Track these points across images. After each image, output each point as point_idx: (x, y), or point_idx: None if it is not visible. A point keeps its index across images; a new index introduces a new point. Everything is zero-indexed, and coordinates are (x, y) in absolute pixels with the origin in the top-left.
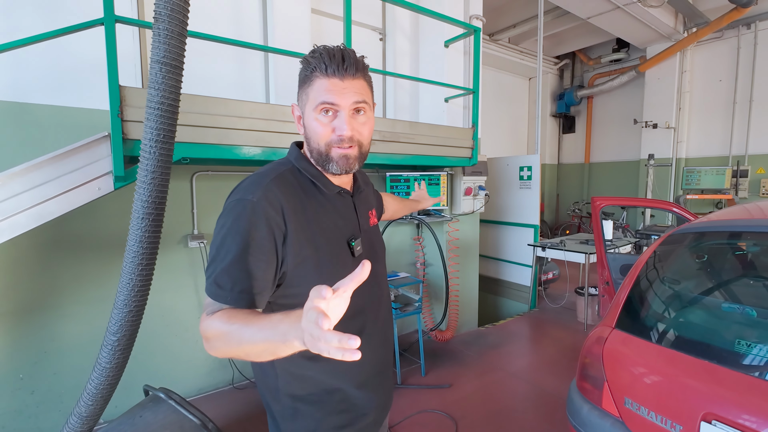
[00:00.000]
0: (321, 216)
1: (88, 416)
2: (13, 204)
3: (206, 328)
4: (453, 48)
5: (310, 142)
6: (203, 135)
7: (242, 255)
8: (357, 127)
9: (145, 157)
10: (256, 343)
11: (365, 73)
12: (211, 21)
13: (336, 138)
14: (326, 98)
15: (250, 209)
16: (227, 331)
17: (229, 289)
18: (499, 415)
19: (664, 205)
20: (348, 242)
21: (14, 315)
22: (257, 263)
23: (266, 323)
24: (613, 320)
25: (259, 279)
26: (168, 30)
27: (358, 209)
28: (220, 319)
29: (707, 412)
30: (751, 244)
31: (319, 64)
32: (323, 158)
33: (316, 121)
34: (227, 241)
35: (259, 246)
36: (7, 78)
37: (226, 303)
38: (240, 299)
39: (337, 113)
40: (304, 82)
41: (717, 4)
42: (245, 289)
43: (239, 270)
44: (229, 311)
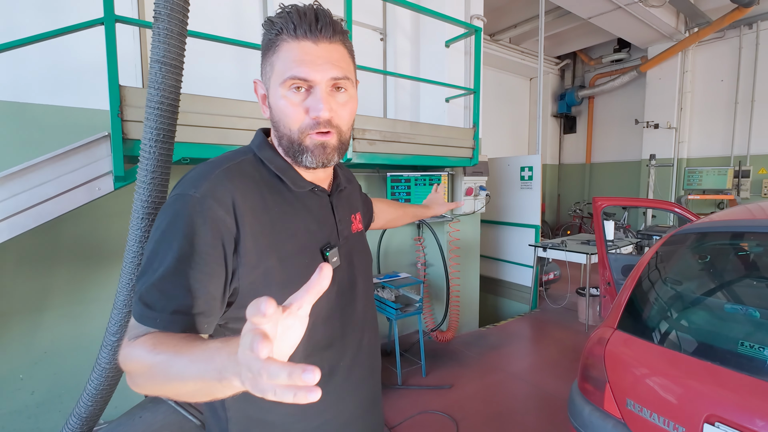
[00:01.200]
0: (288, 218)
1: (87, 417)
2: (13, 204)
3: (125, 357)
4: (454, 48)
5: (278, 127)
6: (203, 135)
7: (178, 266)
8: (336, 108)
9: (145, 157)
10: (187, 381)
11: (345, 39)
12: (211, 21)
13: (310, 122)
14: (296, 71)
15: (190, 207)
16: (151, 363)
17: (160, 309)
18: (500, 416)
19: (666, 206)
20: (322, 252)
21: (14, 315)
22: (198, 276)
23: (200, 353)
24: (614, 321)
25: (201, 296)
26: (168, 30)
27: (336, 211)
28: (144, 347)
29: (710, 414)
30: (754, 244)
31: (286, 24)
32: (295, 148)
33: (284, 99)
34: (161, 247)
35: (201, 254)
36: (7, 78)
37: (155, 327)
38: (173, 322)
39: (312, 89)
40: (268, 49)
41: (718, 4)
42: (181, 308)
43: (174, 285)
44: (156, 336)
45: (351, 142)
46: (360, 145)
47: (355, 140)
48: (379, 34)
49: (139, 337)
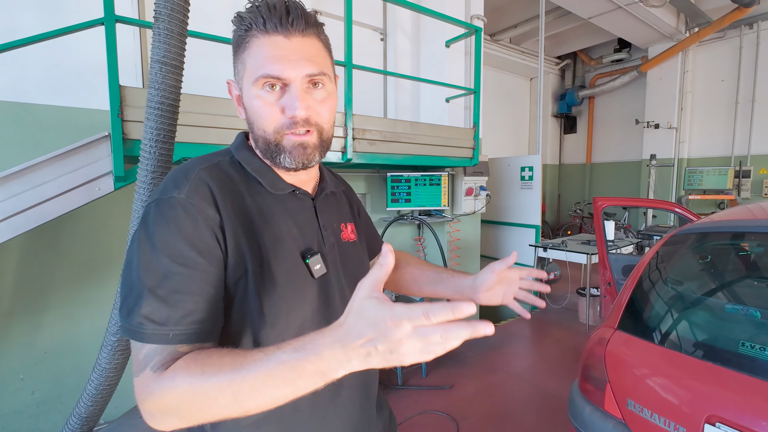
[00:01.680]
0: (268, 220)
1: (88, 417)
2: (13, 204)
3: (161, 392)
4: (454, 48)
5: (253, 128)
6: (204, 135)
7: (183, 270)
8: (314, 106)
9: (145, 157)
10: (262, 395)
11: (320, 31)
12: (212, 21)
13: (287, 121)
14: (268, 69)
15: (180, 208)
16: (205, 387)
17: (174, 322)
18: (500, 416)
19: (666, 206)
20: (302, 257)
21: (15, 315)
22: (206, 278)
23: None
24: (615, 321)
25: (212, 300)
26: (168, 30)
27: (321, 216)
28: (187, 372)
29: (711, 414)
30: (755, 244)
31: (256, 19)
32: (272, 149)
33: (258, 99)
34: (153, 259)
35: (204, 255)
36: (8, 78)
37: (172, 342)
38: (192, 333)
39: (286, 87)
40: (238, 47)
41: (719, 4)
42: (196, 317)
43: (183, 292)
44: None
45: (351, 142)
46: (360, 145)
47: (355, 140)
48: (379, 34)
49: (167, 365)
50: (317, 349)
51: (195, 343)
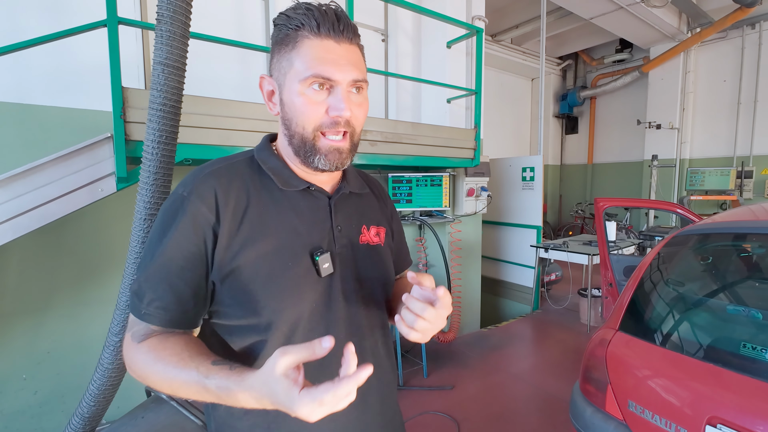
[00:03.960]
0: (269, 216)
1: (90, 417)
2: (17, 205)
3: (130, 360)
4: (455, 49)
5: (290, 125)
6: (206, 136)
7: (163, 261)
8: (353, 108)
9: (148, 158)
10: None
11: (359, 42)
12: (214, 23)
13: (329, 121)
14: (320, 70)
15: (179, 205)
16: (152, 371)
17: (146, 302)
18: (501, 417)
19: (668, 206)
20: (311, 255)
21: (17, 315)
22: (181, 273)
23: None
24: (616, 322)
25: (182, 292)
26: (170, 32)
27: (335, 216)
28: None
29: (712, 416)
30: (757, 245)
31: (308, 21)
32: (307, 148)
33: (303, 96)
34: (152, 243)
35: (184, 250)
36: (11, 79)
37: (142, 318)
38: (155, 316)
39: (333, 89)
40: (285, 44)
41: (721, 4)
42: (164, 304)
43: (158, 279)
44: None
45: None
46: (361, 146)
47: None
48: (380, 35)
49: (142, 340)
50: (235, 395)
51: (162, 326)
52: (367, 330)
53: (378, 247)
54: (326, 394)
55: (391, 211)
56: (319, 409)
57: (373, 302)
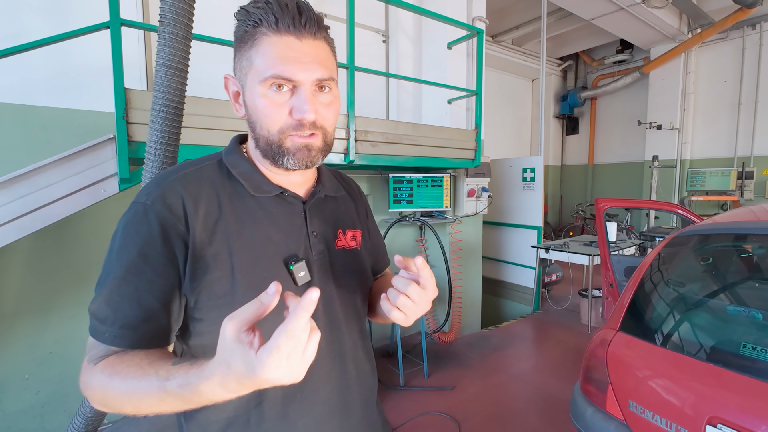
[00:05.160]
0: (244, 226)
1: (92, 417)
2: (20, 206)
3: (85, 384)
4: (456, 50)
5: (255, 128)
6: (208, 137)
7: (127, 276)
8: (320, 109)
9: (150, 159)
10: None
11: (327, 35)
12: (216, 24)
13: (293, 123)
14: (280, 70)
15: (141, 215)
16: (108, 388)
17: (110, 323)
18: (502, 417)
19: (668, 207)
20: (285, 264)
21: (20, 316)
22: (148, 287)
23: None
24: (617, 323)
25: (151, 307)
26: (173, 33)
27: (311, 221)
28: (102, 374)
29: (712, 416)
30: (757, 246)
31: (266, 16)
32: (274, 150)
33: (264, 98)
34: (112, 258)
35: (151, 262)
36: (14, 80)
37: (105, 342)
38: (122, 337)
39: (295, 89)
40: (243, 42)
41: (722, 5)
42: (129, 322)
43: (122, 297)
44: (114, 360)
45: (354, 144)
46: (362, 147)
47: (357, 142)
48: (381, 36)
49: (98, 362)
50: (198, 389)
51: (126, 347)
52: (347, 335)
53: (354, 251)
54: (279, 337)
55: (366, 210)
56: (281, 359)
57: (351, 307)
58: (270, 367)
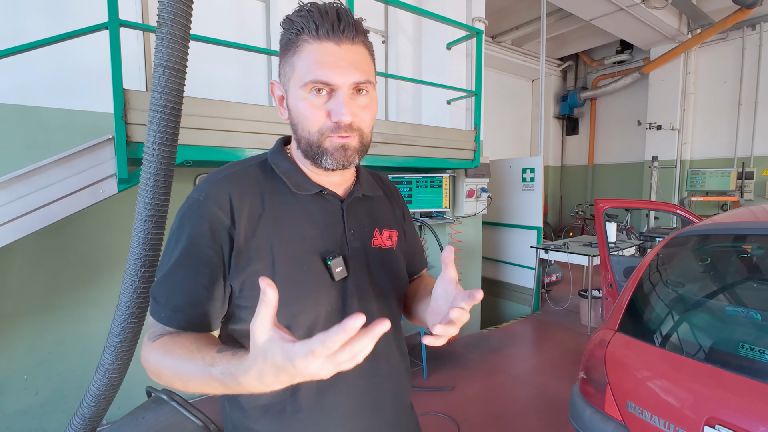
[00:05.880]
0: (284, 222)
1: (90, 417)
2: (19, 206)
3: (144, 359)
4: (455, 50)
5: (296, 130)
6: (207, 138)
7: (180, 264)
8: (357, 112)
9: (148, 159)
10: (192, 384)
11: (366, 39)
12: (215, 25)
13: (331, 125)
14: (318, 75)
15: (195, 209)
16: (162, 366)
17: (163, 305)
18: (501, 418)
19: (667, 207)
20: (323, 259)
21: (19, 316)
22: (197, 275)
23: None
24: (615, 323)
25: (198, 295)
26: (171, 34)
27: (348, 219)
28: (157, 352)
29: (711, 417)
30: (756, 246)
31: (307, 24)
32: (314, 150)
33: (305, 102)
34: (169, 247)
35: (200, 254)
36: (14, 81)
37: (159, 321)
38: (173, 318)
39: (333, 93)
40: (287, 50)
41: (721, 6)
42: (179, 306)
43: (175, 282)
44: (168, 341)
45: None
46: None
47: None
48: (380, 37)
49: (156, 339)
50: (237, 380)
51: (178, 329)
52: (386, 342)
53: (390, 251)
54: (315, 341)
55: (404, 212)
56: (312, 360)
57: (386, 304)
58: (303, 361)
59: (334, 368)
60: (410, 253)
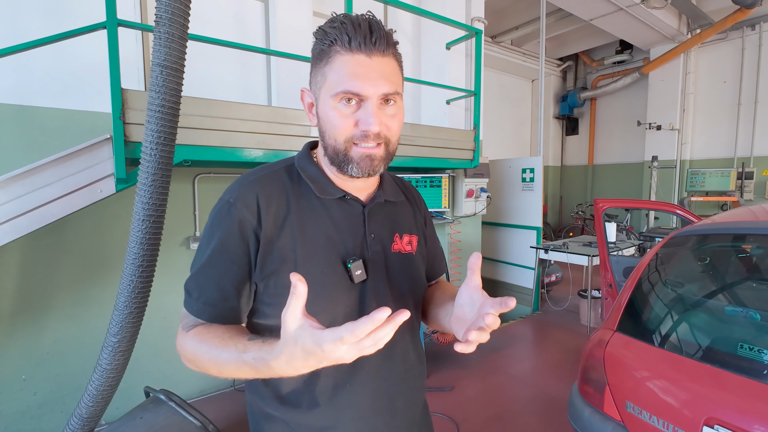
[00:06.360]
0: (308, 224)
1: (88, 417)
2: (16, 206)
3: (180, 346)
4: (455, 50)
5: (324, 137)
6: (206, 137)
7: (211, 261)
8: (385, 121)
9: (146, 159)
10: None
11: (396, 51)
12: (214, 25)
13: (359, 133)
14: (349, 86)
15: (225, 210)
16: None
17: (195, 298)
18: (500, 418)
19: (667, 207)
20: (344, 262)
21: (17, 316)
22: (226, 272)
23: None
24: (614, 323)
25: (227, 290)
26: (169, 33)
27: (369, 223)
28: (193, 340)
29: (709, 417)
30: (755, 246)
31: (341, 36)
32: (340, 158)
33: (335, 110)
34: (202, 245)
35: (230, 252)
36: (12, 81)
37: (192, 313)
38: (204, 311)
39: (362, 103)
40: (320, 60)
41: (721, 5)
42: (210, 300)
43: (206, 278)
44: (205, 329)
45: None
46: None
47: None
48: None
49: (190, 329)
50: (269, 364)
51: (209, 321)
52: (398, 335)
53: (410, 256)
54: (344, 329)
55: (425, 218)
56: (339, 345)
57: (405, 308)
58: (331, 346)
59: (357, 353)
60: (430, 257)
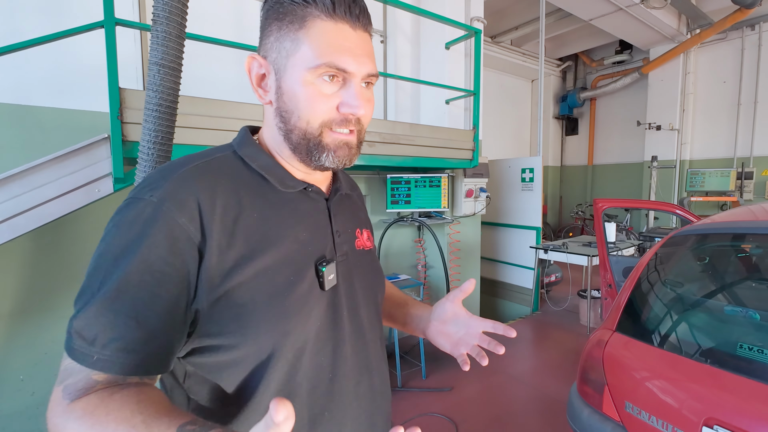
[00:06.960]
0: (270, 224)
1: None
2: (14, 205)
3: (56, 428)
4: (454, 50)
5: (290, 118)
6: (204, 137)
7: (124, 287)
8: (365, 106)
9: (143, 158)
10: None
11: (372, 31)
12: (213, 24)
13: (339, 118)
14: (336, 59)
15: (148, 214)
16: None
17: (100, 345)
18: (500, 418)
19: (666, 207)
20: (316, 266)
21: (14, 316)
22: (150, 302)
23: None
24: (613, 323)
25: (151, 326)
26: (166, 32)
27: (335, 220)
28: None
29: (709, 417)
30: (755, 246)
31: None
32: (311, 145)
33: (311, 87)
34: (103, 264)
35: (155, 272)
36: (10, 80)
37: (89, 366)
38: (115, 362)
39: (346, 82)
40: (288, 21)
41: (720, 6)
42: (126, 344)
43: (116, 312)
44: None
45: None
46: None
47: None
48: (379, 37)
49: (78, 397)
50: None
51: (123, 373)
52: (371, 344)
53: (372, 252)
54: None
55: (365, 210)
56: None
57: (374, 312)
58: None
59: None
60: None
